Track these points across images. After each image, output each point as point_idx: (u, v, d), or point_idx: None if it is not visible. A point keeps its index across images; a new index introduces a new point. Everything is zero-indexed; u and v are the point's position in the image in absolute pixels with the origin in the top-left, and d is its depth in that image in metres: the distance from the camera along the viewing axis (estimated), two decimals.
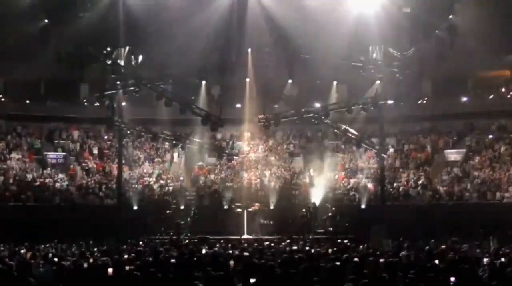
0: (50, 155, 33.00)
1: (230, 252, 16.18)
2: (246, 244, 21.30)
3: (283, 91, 31.88)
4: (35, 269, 11.74)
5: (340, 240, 23.82)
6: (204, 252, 16.38)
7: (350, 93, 32.08)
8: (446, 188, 29.67)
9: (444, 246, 17.26)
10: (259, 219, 28.02)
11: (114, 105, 28.92)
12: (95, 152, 34.06)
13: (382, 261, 12.46)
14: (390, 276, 9.81)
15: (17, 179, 29.46)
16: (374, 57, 27.57)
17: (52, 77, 34.03)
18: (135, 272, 10.38)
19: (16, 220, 25.89)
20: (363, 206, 29.13)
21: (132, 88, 28.54)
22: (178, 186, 31.46)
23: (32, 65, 30.74)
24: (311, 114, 28.77)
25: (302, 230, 26.63)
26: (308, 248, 18.79)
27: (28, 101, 34.49)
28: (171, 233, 26.45)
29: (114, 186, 30.64)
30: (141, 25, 26.38)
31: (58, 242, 21.65)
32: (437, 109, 33.74)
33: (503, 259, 13.22)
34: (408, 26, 26.17)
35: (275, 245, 20.23)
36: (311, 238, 25.33)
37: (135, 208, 29.30)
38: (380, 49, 27.37)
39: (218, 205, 29.89)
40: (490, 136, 32.71)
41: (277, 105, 32.44)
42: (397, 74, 27.48)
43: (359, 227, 26.23)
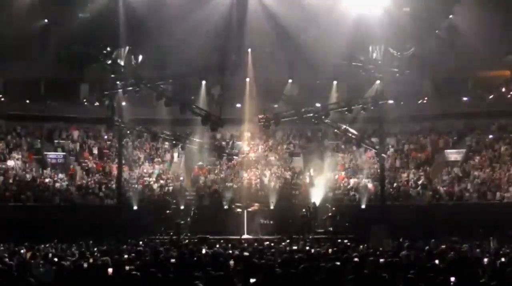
0: (50, 154, 32.99)
1: (230, 252, 16.14)
2: (246, 244, 21.28)
3: (283, 91, 31.85)
4: (35, 269, 11.71)
5: (340, 240, 23.82)
6: (204, 252, 16.34)
7: (350, 93, 32.05)
8: (446, 188, 29.69)
9: (444, 246, 17.23)
10: (259, 219, 28.02)
11: (114, 105, 28.91)
12: (95, 151, 34.06)
13: (382, 261, 12.44)
14: (390, 276, 9.80)
15: (17, 179, 29.47)
16: (374, 57, 27.58)
17: (52, 77, 34.04)
18: (135, 272, 10.36)
19: (16, 220, 25.93)
20: (363, 206, 29.15)
21: (132, 88, 28.55)
22: (178, 186, 31.46)
23: (32, 65, 30.78)
24: (311, 114, 28.74)
25: (302, 230, 26.64)
26: (308, 248, 18.78)
27: (28, 101, 34.49)
28: (171, 233, 26.45)
29: (114, 186, 30.62)
30: (141, 25, 26.39)
31: (58, 242, 21.62)
32: (437, 109, 33.72)
33: (503, 259, 13.20)
34: (408, 26, 26.17)
35: (275, 245, 20.22)
36: (311, 238, 25.33)
37: (135, 208, 29.31)
38: (380, 49, 27.38)
39: (218, 205, 29.89)
40: (490, 136, 32.73)
41: (277, 105, 32.41)
42: (397, 74, 27.48)
43: (359, 227, 26.24)
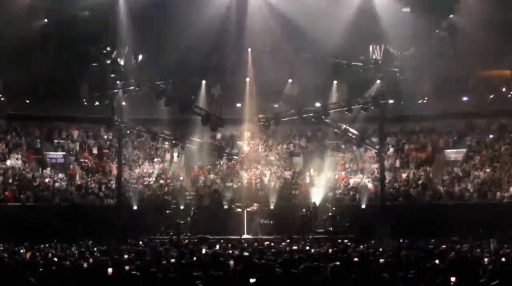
0: (49, 154, 32.96)
1: (230, 252, 16.14)
2: (246, 244, 21.28)
3: (283, 91, 31.85)
4: (35, 269, 11.70)
5: (340, 240, 23.80)
6: (204, 252, 16.33)
7: (351, 93, 32.04)
8: (447, 188, 29.67)
9: (444, 246, 17.25)
10: (258, 219, 28.02)
11: (114, 105, 28.92)
12: (95, 151, 34.03)
13: (382, 261, 12.44)
14: (390, 276, 9.78)
15: (16, 178, 29.45)
16: (374, 56, 27.57)
17: (52, 77, 33.98)
18: (135, 272, 10.35)
19: (15, 220, 25.91)
20: (363, 205, 29.12)
21: (132, 88, 28.56)
22: (178, 185, 31.43)
23: (32, 66, 30.68)
24: (311, 114, 28.76)
25: (302, 230, 26.64)
26: (308, 248, 18.78)
27: (28, 101, 34.45)
28: (171, 233, 26.46)
29: (113, 185, 30.61)
30: (141, 25, 26.37)
31: (58, 242, 21.62)
32: (437, 109, 33.68)
33: (504, 259, 13.20)
34: (408, 26, 26.17)
35: (275, 245, 20.21)
36: (311, 238, 25.34)
37: (135, 208, 29.31)
38: (380, 48, 27.37)
39: (218, 205, 29.88)
40: (491, 136, 32.68)
41: (277, 105, 32.39)
42: (397, 74, 27.46)
43: (359, 227, 26.23)
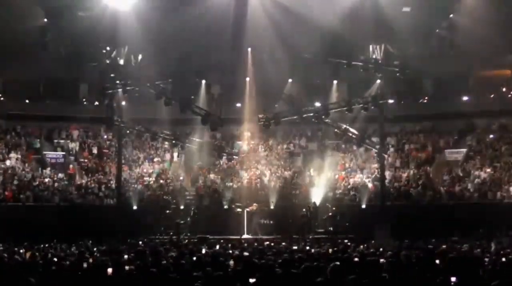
0: (49, 154, 32.97)
1: (230, 252, 16.11)
2: (246, 244, 21.26)
3: (283, 91, 31.84)
4: (35, 269, 11.68)
5: (340, 240, 23.77)
6: (204, 252, 16.31)
7: (351, 93, 32.04)
8: (447, 188, 29.64)
9: (444, 246, 17.22)
10: (257, 219, 28.00)
11: (114, 105, 28.91)
12: (95, 151, 34.04)
13: (382, 261, 12.41)
14: (390, 276, 9.76)
15: (16, 178, 29.43)
16: (374, 56, 27.54)
17: (51, 77, 34.02)
18: (135, 272, 10.34)
19: (15, 220, 25.90)
20: (364, 205, 29.09)
21: (132, 88, 28.53)
22: (178, 185, 31.42)
23: (32, 65, 30.70)
24: (311, 114, 28.73)
25: (302, 230, 26.61)
26: (308, 248, 18.75)
27: (27, 101, 34.48)
28: (171, 233, 26.45)
29: (113, 185, 30.60)
30: (140, 25, 26.35)
31: (58, 242, 21.60)
32: (437, 108, 33.69)
33: (504, 259, 13.17)
34: (408, 25, 26.15)
35: (275, 245, 20.18)
36: (311, 238, 25.31)
37: (135, 208, 29.30)
38: (380, 48, 27.35)
39: (218, 205, 29.86)
40: (491, 136, 32.67)
41: (277, 105, 32.35)
42: (397, 73, 27.45)
43: (359, 227, 26.20)
